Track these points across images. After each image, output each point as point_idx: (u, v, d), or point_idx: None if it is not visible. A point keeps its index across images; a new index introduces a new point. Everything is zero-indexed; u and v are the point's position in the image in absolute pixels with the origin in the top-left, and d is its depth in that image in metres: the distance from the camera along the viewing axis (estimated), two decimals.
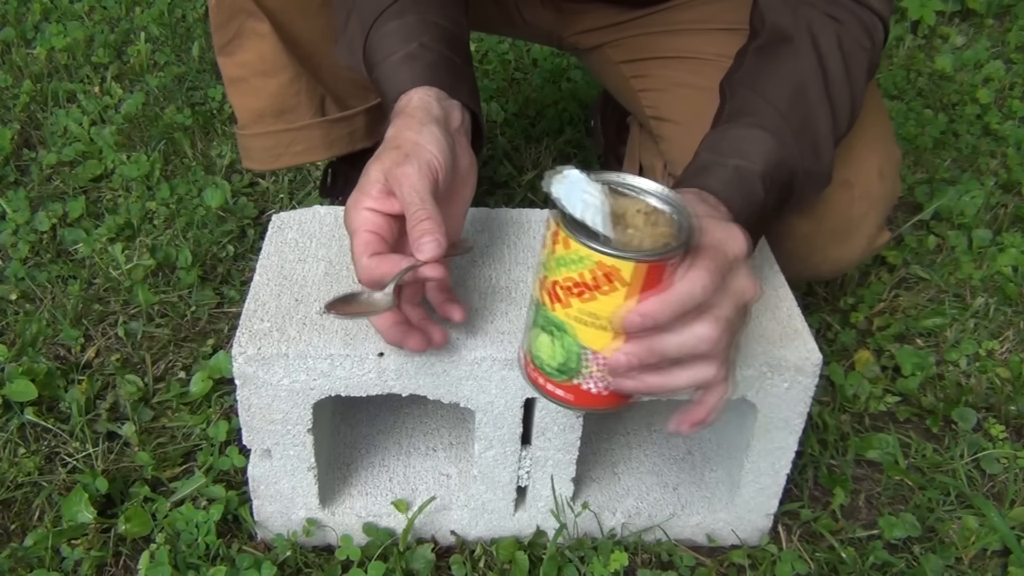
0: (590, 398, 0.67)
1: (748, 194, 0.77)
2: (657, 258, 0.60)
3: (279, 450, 0.88)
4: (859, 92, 0.86)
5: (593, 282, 0.61)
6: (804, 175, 0.83)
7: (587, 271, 0.60)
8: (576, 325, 0.63)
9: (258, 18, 1.06)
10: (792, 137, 0.81)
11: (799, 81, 0.83)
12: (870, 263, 1.40)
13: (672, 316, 0.61)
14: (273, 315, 0.84)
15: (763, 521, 0.98)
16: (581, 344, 0.64)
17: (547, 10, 1.20)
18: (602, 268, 0.60)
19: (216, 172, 1.56)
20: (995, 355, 1.26)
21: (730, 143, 0.80)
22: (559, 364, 0.66)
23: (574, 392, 0.67)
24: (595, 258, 0.60)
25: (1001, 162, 1.67)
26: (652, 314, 0.61)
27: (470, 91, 0.84)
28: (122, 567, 0.95)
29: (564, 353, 0.65)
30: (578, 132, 1.70)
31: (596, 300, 0.61)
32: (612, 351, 0.63)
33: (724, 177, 0.77)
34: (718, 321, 0.62)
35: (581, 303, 0.62)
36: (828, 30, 0.85)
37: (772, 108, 0.82)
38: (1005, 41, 2.10)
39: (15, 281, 1.31)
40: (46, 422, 1.09)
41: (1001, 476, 1.09)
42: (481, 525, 0.96)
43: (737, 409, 0.92)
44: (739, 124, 0.82)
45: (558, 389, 0.67)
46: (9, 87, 1.80)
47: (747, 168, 0.78)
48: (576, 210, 0.59)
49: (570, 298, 0.62)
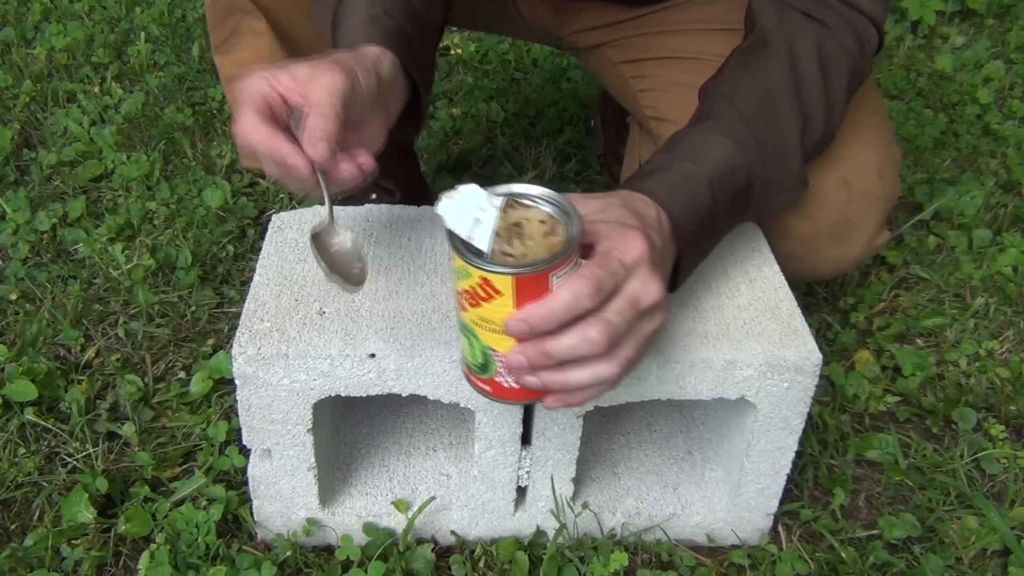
0: (507, 392, 0.72)
1: (692, 198, 0.78)
2: (530, 270, 0.64)
3: (279, 450, 0.88)
4: (837, 97, 0.87)
5: (482, 293, 0.65)
6: (766, 181, 0.84)
7: (474, 283, 0.65)
8: (478, 329, 0.68)
9: (254, 16, 1.06)
10: (753, 142, 0.82)
11: (768, 87, 0.84)
12: (870, 263, 1.40)
13: (553, 321, 0.64)
14: (273, 315, 0.84)
15: (763, 521, 0.98)
16: (486, 346, 0.69)
17: (545, 8, 1.20)
18: (484, 281, 0.64)
19: (216, 172, 1.56)
20: (995, 355, 1.26)
21: (685, 147, 0.82)
22: (478, 363, 0.71)
23: (492, 386, 0.72)
24: (476, 273, 0.64)
25: (1001, 162, 1.67)
26: (530, 320, 0.64)
27: (420, 68, 0.84)
28: (122, 567, 0.95)
29: (479, 353, 0.70)
30: (578, 132, 1.70)
31: (486, 308, 0.66)
32: (512, 352, 0.67)
33: (666, 181, 0.78)
34: (608, 325, 0.65)
35: (477, 310, 0.67)
36: (808, 34, 0.85)
37: (737, 113, 0.83)
38: (1005, 41, 2.10)
39: (15, 281, 1.31)
40: (46, 422, 1.09)
41: (1001, 476, 1.09)
42: (481, 525, 0.96)
43: (737, 409, 0.93)
44: (700, 128, 0.83)
45: (480, 383, 0.73)
46: (9, 87, 1.80)
47: (694, 172, 0.79)
48: (459, 228, 0.64)
49: (468, 305, 0.67)
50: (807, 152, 0.87)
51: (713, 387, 0.85)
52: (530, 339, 0.66)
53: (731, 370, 0.84)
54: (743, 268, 0.93)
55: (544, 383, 0.68)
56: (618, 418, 1.07)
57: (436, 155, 1.65)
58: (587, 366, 0.67)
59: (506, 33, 1.39)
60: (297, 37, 1.09)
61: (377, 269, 0.90)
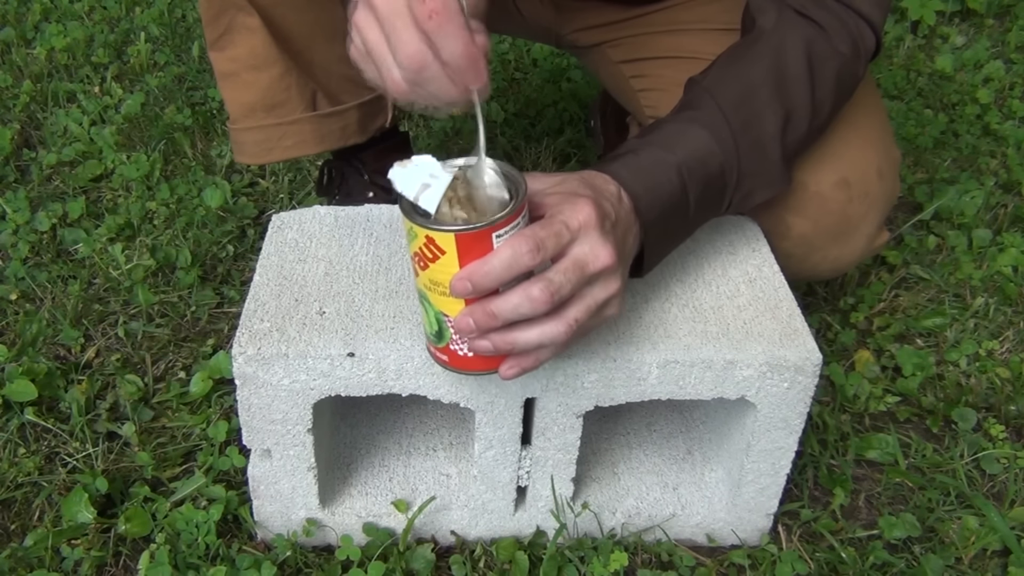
0: (463, 361, 0.74)
1: (657, 181, 0.79)
2: (470, 228, 0.66)
3: (279, 450, 0.88)
4: (824, 96, 0.87)
5: (428, 253, 0.68)
6: (742, 173, 0.84)
7: (421, 244, 0.68)
8: (430, 294, 0.71)
9: (248, 12, 1.06)
10: (730, 134, 0.82)
11: (750, 81, 0.85)
12: (870, 263, 1.40)
13: (494, 278, 0.66)
14: (273, 315, 0.84)
15: (763, 521, 0.98)
16: (438, 311, 0.71)
17: (546, 6, 1.20)
18: (429, 241, 0.67)
19: (216, 172, 1.56)
20: (995, 355, 1.26)
21: (658, 134, 0.83)
22: (434, 332, 0.73)
23: (449, 355, 0.74)
24: (422, 232, 0.67)
25: (1001, 162, 1.67)
26: (471, 277, 0.66)
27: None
28: (122, 567, 0.95)
29: (434, 321, 0.72)
30: (578, 132, 1.70)
31: (434, 269, 0.68)
32: (460, 315, 0.69)
33: (632, 163, 0.79)
34: (550, 283, 0.67)
35: (426, 273, 0.69)
36: (798, 32, 0.86)
37: (715, 105, 0.83)
38: (1005, 41, 2.10)
39: (15, 281, 1.31)
40: (46, 422, 1.09)
41: (1001, 476, 1.09)
42: (481, 525, 0.96)
43: (737, 409, 0.93)
44: (678, 119, 0.84)
45: (437, 352, 0.75)
46: (9, 87, 1.80)
47: (663, 157, 0.80)
48: (408, 191, 0.67)
49: (419, 269, 0.70)
50: (788, 148, 0.87)
51: (713, 387, 0.85)
52: (476, 300, 0.68)
53: (731, 370, 0.84)
54: (743, 268, 0.94)
55: (494, 345, 0.69)
56: (618, 418, 1.07)
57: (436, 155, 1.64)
58: (534, 326, 0.69)
59: (506, 31, 1.39)
60: (291, 33, 1.09)
61: (377, 269, 0.90)
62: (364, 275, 0.89)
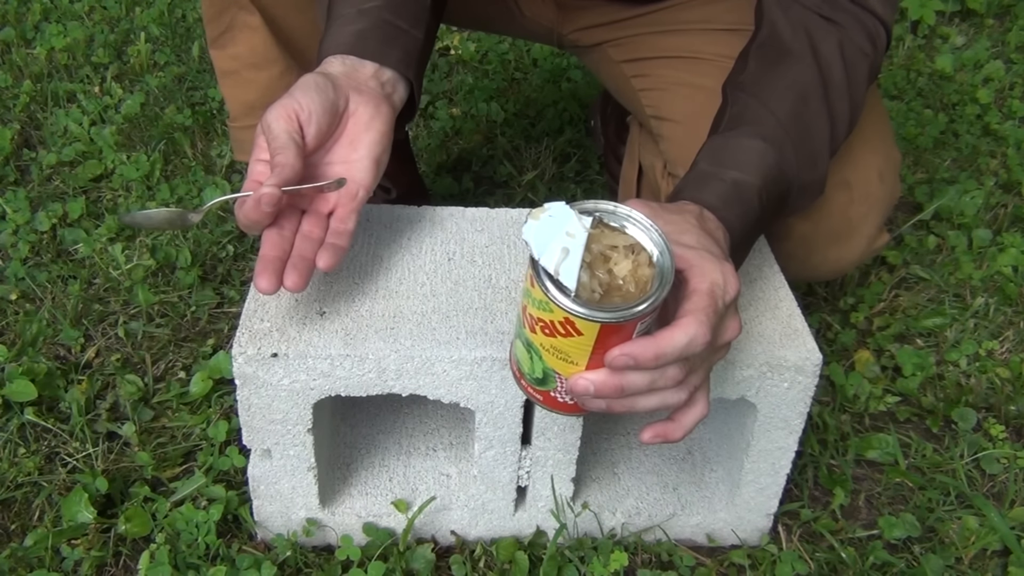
0: (560, 405, 0.71)
1: (746, 211, 0.78)
2: (618, 319, 0.61)
3: (279, 450, 0.88)
4: (859, 100, 0.87)
5: (561, 330, 0.63)
6: (800, 187, 0.84)
7: (556, 320, 0.63)
8: (545, 354, 0.66)
9: (249, 11, 1.07)
10: (792, 149, 0.82)
11: (801, 91, 0.83)
12: (870, 263, 1.40)
13: (663, 362, 0.63)
14: (273, 315, 0.84)
15: (763, 521, 0.98)
16: (549, 368, 0.67)
17: (547, 6, 1.20)
18: (567, 320, 0.62)
19: (216, 172, 1.56)
20: (995, 355, 1.26)
21: (731, 153, 0.81)
22: (536, 377, 0.69)
23: (545, 397, 0.71)
24: (560, 312, 0.62)
25: (1001, 162, 1.67)
26: (638, 357, 0.62)
27: (403, 57, 0.84)
28: (122, 567, 0.95)
29: (539, 369, 0.68)
30: (578, 132, 1.70)
31: (562, 342, 0.64)
32: (578, 377, 0.65)
33: (722, 192, 0.77)
34: (687, 361, 0.65)
35: (550, 340, 0.64)
36: (831, 37, 0.85)
37: (774, 118, 0.82)
38: (1005, 41, 2.10)
39: (15, 281, 1.31)
40: (46, 422, 1.09)
41: (1001, 476, 1.09)
42: (481, 525, 0.96)
43: (737, 409, 0.92)
44: (740, 133, 0.82)
45: (533, 391, 0.72)
46: (9, 87, 1.80)
47: (745, 182, 0.78)
48: (548, 260, 0.61)
49: (541, 332, 0.65)
50: (831, 155, 0.86)
51: (713, 387, 0.85)
52: (599, 365, 0.64)
53: (731, 370, 0.84)
54: (743, 268, 0.93)
55: (609, 408, 0.67)
56: (618, 418, 1.07)
57: (436, 155, 1.65)
58: (657, 395, 0.66)
59: (507, 32, 1.38)
60: (292, 32, 1.09)
61: (377, 269, 0.90)
62: (364, 275, 0.89)
